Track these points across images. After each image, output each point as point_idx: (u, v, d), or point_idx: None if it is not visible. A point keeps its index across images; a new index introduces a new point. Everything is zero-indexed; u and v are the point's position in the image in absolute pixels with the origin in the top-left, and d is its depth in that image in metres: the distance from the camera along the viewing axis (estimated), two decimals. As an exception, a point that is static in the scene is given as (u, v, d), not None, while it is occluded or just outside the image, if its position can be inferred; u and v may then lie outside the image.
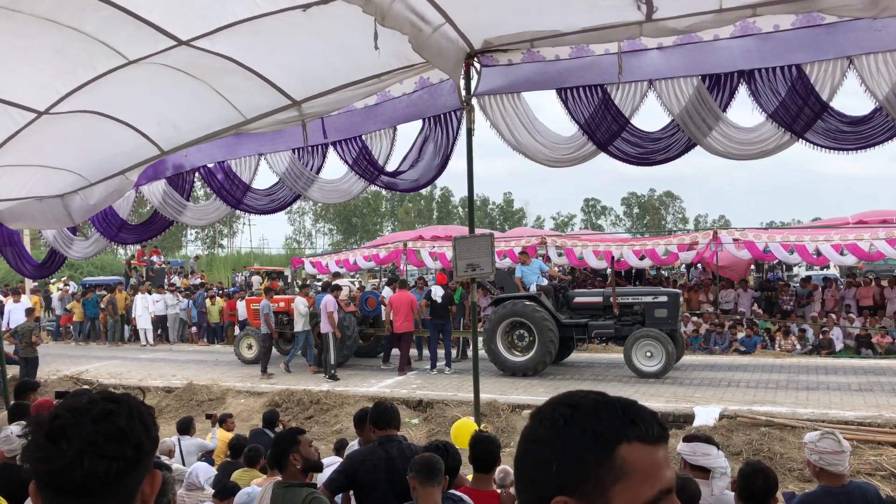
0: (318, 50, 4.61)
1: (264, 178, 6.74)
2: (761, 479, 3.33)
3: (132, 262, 25.47)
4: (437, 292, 13.16)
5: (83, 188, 6.30)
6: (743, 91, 4.70)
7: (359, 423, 4.90)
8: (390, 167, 5.95)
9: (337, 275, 17.35)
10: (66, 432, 1.13)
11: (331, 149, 6.15)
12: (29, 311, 14.65)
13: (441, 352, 13.59)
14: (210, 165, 6.75)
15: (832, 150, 4.57)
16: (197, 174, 6.90)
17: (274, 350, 15.57)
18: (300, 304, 13.39)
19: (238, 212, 7.23)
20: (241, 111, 5.20)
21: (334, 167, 6.31)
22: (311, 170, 6.24)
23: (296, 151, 6.26)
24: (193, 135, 5.56)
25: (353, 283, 18.49)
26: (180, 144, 5.69)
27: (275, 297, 15.87)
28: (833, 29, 4.21)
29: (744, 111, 4.82)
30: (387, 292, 14.40)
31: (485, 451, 3.64)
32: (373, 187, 6.23)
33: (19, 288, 20.60)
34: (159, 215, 7.14)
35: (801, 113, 4.44)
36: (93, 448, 1.13)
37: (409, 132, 5.90)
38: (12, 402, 5.44)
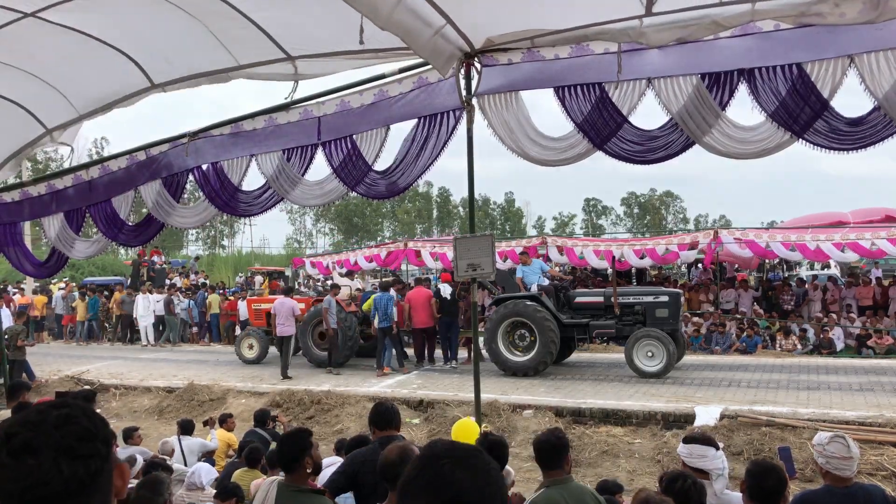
0: (318, 13, 4.63)
1: (252, 181, 6.69)
2: (773, 478, 3.29)
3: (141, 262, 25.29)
4: (446, 290, 13.44)
5: (71, 122, 6.29)
6: (743, 90, 4.69)
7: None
8: (378, 167, 5.90)
9: (350, 274, 17.55)
10: (32, 445, 1.12)
11: (319, 150, 6.10)
12: (19, 314, 14.62)
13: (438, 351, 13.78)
14: (204, 167, 6.68)
15: (831, 151, 4.57)
16: (191, 176, 6.83)
17: (274, 349, 15.63)
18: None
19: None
20: (235, 56, 5.24)
21: (320, 168, 6.24)
22: (297, 171, 6.19)
23: (285, 152, 6.23)
24: (185, 71, 5.57)
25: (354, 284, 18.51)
26: (172, 79, 5.68)
27: (274, 297, 15.86)
28: (833, 28, 4.20)
29: (743, 109, 4.81)
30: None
31: (494, 456, 3.62)
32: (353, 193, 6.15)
33: (17, 289, 20.66)
34: (152, 217, 7.11)
35: (802, 112, 4.44)
36: (68, 452, 1.13)
37: (401, 131, 5.86)
38: (17, 402, 5.45)
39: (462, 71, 5.15)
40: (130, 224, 7.36)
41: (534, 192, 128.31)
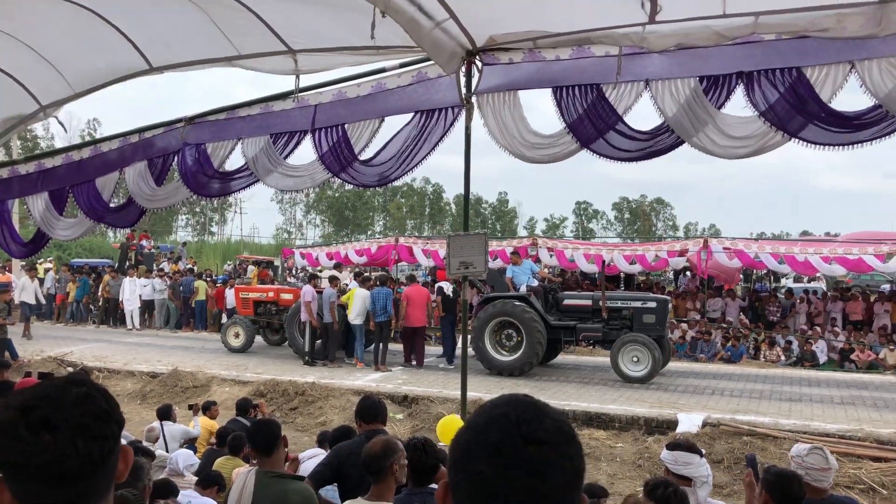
0: (321, 8, 4.63)
1: (232, 163, 6.55)
2: (797, 484, 3.27)
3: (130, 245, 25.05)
4: (448, 287, 13.54)
5: (66, 100, 6.26)
6: (739, 92, 4.69)
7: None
8: (364, 157, 5.84)
9: (339, 267, 17.50)
10: (52, 421, 1.11)
11: (308, 136, 6.02)
12: (1, 291, 14.45)
13: (437, 349, 13.86)
14: (188, 150, 6.56)
15: (825, 147, 4.56)
16: (175, 158, 6.70)
17: (259, 339, 15.60)
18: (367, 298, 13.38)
19: (198, 198, 6.97)
20: (236, 46, 5.23)
21: (305, 154, 6.15)
22: (280, 154, 6.10)
23: (272, 136, 6.15)
24: (184, 57, 5.56)
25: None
26: (170, 63, 5.66)
27: (262, 286, 15.82)
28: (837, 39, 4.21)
29: (737, 110, 4.80)
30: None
31: None
32: (338, 181, 6.09)
33: (7, 266, 20.44)
34: (132, 200, 6.97)
35: (799, 112, 4.44)
36: (85, 431, 1.12)
37: (395, 124, 5.81)
38: None
39: (463, 69, 5.14)
40: (112, 206, 7.23)
41: (525, 192, 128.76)
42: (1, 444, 1.11)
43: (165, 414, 7.45)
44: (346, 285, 15.22)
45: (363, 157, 5.80)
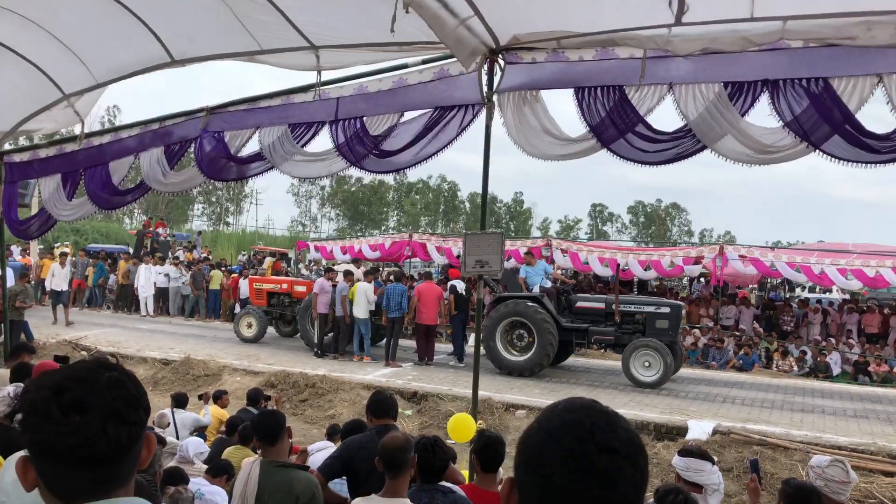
0: (344, 4, 4.64)
1: (248, 150, 6.55)
2: (816, 499, 3.25)
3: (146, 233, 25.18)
4: (460, 285, 13.55)
5: (88, 89, 6.30)
6: (764, 100, 4.64)
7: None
8: (380, 146, 5.83)
9: (357, 262, 17.55)
10: (84, 404, 1.12)
11: (326, 126, 6.02)
12: (21, 275, 14.56)
13: (448, 346, 13.83)
14: (205, 137, 6.58)
15: (851, 163, 4.49)
16: (193, 145, 6.72)
17: (272, 330, 15.66)
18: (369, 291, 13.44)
19: (218, 185, 7.03)
20: (259, 41, 5.26)
21: (322, 144, 6.15)
22: (297, 143, 6.10)
23: (290, 126, 6.17)
24: (207, 51, 5.60)
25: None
26: (192, 57, 5.70)
27: (276, 278, 15.89)
28: (864, 48, 4.15)
29: (761, 117, 4.75)
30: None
31: (493, 452, 3.64)
32: (352, 170, 6.10)
33: (27, 249, 20.65)
34: (143, 182, 6.99)
35: (824, 124, 4.38)
36: (115, 416, 1.14)
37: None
38: (17, 362, 5.43)
39: (485, 67, 5.12)
40: (118, 190, 7.26)
41: (540, 193, 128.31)
42: (32, 424, 1.13)
43: (181, 401, 7.51)
44: (360, 281, 15.26)
45: (379, 146, 5.81)
